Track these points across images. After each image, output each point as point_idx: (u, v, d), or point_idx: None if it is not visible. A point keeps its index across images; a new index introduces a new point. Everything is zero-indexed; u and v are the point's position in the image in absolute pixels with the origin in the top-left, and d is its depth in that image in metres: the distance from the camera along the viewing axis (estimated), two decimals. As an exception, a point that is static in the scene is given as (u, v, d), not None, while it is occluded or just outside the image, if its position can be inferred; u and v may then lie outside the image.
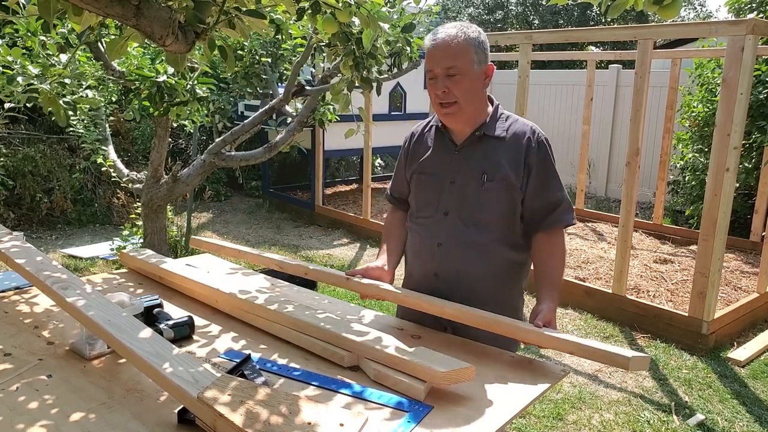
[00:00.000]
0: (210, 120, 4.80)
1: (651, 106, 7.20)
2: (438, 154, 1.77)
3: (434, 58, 1.64)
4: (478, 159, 1.69)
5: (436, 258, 1.73)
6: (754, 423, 2.93)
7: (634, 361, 1.37)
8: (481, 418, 1.26)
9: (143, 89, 2.99)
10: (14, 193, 6.02)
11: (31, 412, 1.26)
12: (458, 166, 1.71)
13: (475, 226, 1.69)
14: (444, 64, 1.62)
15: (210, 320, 1.79)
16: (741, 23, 3.39)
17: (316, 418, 1.11)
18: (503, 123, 1.72)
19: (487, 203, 1.68)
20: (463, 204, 1.70)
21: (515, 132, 1.70)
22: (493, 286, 1.72)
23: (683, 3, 14.56)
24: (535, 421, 2.89)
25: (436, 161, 1.76)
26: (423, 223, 1.78)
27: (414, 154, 1.84)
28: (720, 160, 3.50)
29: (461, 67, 1.62)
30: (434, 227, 1.74)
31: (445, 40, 1.63)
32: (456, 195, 1.70)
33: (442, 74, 1.63)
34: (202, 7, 1.32)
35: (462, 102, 1.64)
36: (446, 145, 1.75)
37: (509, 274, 1.75)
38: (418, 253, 1.82)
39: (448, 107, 1.65)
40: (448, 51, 1.62)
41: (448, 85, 1.63)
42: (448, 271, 1.72)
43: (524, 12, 17.61)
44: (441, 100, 1.65)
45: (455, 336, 1.72)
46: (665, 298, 4.33)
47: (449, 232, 1.71)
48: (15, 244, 1.96)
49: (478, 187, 1.68)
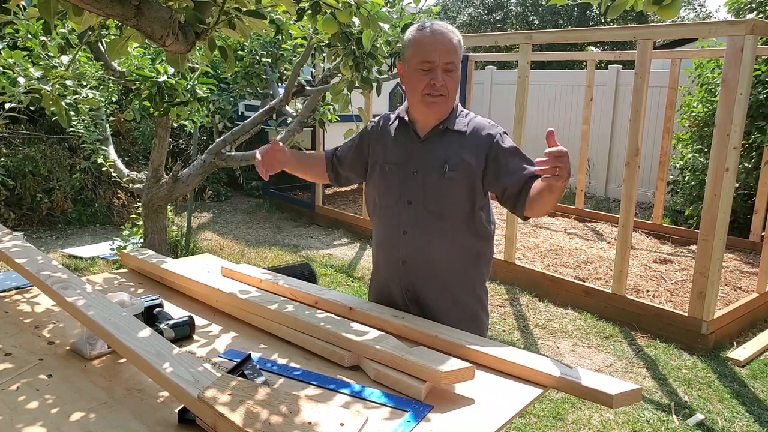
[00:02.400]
0: (210, 120, 4.80)
1: (651, 106, 7.21)
2: (402, 145, 1.83)
3: (436, 49, 1.68)
4: (440, 150, 1.76)
5: (402, 246, 1.79)
6: (753, 423, 2.93)
7: (620, 398, 1.28)
8: (481, 418, 1.26)
9: (144, 89, 2.99)
10: (15, 193, 6.02)
11: (32, 412, 1.26)
12: (421, 157, 1.78)
13: (437, 214, 1.75)
14: (446, 58, 1.68)
15: (210, 320, 1.79)
16: (740, 23, 3.39)
17: (316, 418, 1.11)
18: (463, 119, 1.80)
19: (449, 192, 1.74)
20: (426, 193, 1.76)
21: (475, 126, 1.78)
22: (457, 274, 1.80)
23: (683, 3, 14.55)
24: (535, 421, 2.89)
25: (399, 152, 1.82)
26: (387, 213, 1.84)
27: (376, 143, 1.89)
28: (720, 160, 3.50)
29: (456, 63, 1.71)
30: (399, 216, 1.80)
31: (447, 36, 1.69)
32: (419, 184, 1.77)
33: (442, 67, 1.68)
34: (202, 8, 1.32)
35: (450, 96, 1.73)
36: (410, 136, 1.81)
37: (472, 261, 1.83)
38: (383, 242, 1.87)
39: (437, 97, 1.71)
40: (450, 46, 1.69)
41: (445, 78, 1.69)
42: (414, 259, 1.79)
43: (524, 12, 17.61)
44: (435, 91, 1.70)
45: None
46: (665, 298, 4.33)
47: (413, 220, 1.77)
48: (15, 244, 1.96)
49: (440, 176, 1.74)
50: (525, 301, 4.48)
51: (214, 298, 1.86)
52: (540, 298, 4.51)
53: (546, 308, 4.36)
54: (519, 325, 4.07)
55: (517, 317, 4.20)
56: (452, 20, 17.65)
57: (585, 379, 1.34)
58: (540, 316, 4.20)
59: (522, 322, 4.11)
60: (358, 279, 4.95)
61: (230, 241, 5.98)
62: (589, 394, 1.32)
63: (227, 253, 5.49)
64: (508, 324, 4.07)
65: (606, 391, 1.29)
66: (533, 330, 3.99)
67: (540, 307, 4.38)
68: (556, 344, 3.78)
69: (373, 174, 1.88)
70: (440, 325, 1.66)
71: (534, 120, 8.68)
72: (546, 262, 5.11)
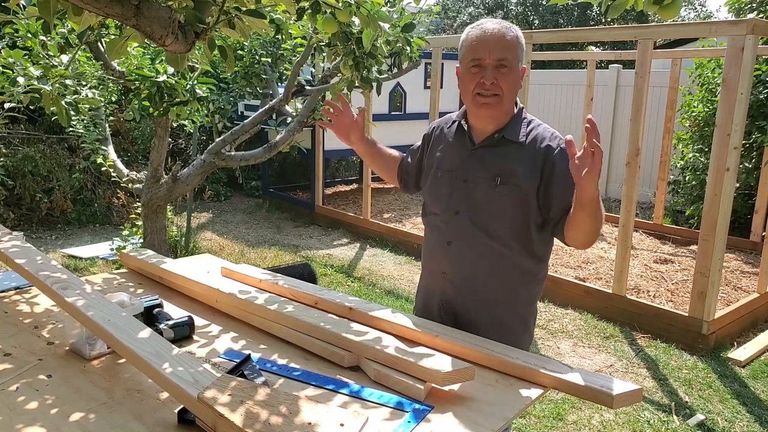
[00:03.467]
0: (210, 120, 4.80)
1: (651, 106, 7.20)
2: (455, 150, 1.74)
3: (486, 47, 1.59)
4: (494, 161, 1.66)
5: (446, 257, 1.71)
6: (754, 423, 2.93)
7: (620, 398, 1.28)
8: (481, 418, 1.26)
9: (143, 89, 2.98)
10: (14, 193, 6.02)
11: (31, 412, 1.26)
12: (473, 165, 1.68)
13: (484, 229, 1.65)
14: (497, 55, 1.58)
15: (210, 320, 1.79)
16: (741, 23, 3.39)
17: (316, 418, 1.11)
18: (525, 128, 1.68)
19: (499, 207, 1.64)
20: (473, 204, 1.66)
21: (535, 137, 1.66)
22: (500, 292, 1.69)
23: (683, 3, 14.56)
24: (535, 421, 2.89)
25: (452, 158, 1.73)
26: (434, 221, 1.76)
27: (434, 147, 1.82)
28: (720, 160, 3.50)
29: (511, 60, 1.59)
30: (444, 225, 1.72)
31: (500, 32, 1.60)
32: (467, 194, 1.67)
33: (492, 64, 1.59)
34: (202, 7, 1.32)
35: (505, 95, 1.61)
36: (464, 142, 1.72)
37: (520, 282, 1.71)
38: (429, 250, 1.81)
39: (488, 98, 1.61)
40: (503, 43, 1.59)
41: (497, 76, 1.59)
42: (456, 271, 1.70)
43: (524, 12, 17.62)
44: (486, 90, 1.61)
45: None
46: (665, 298, 4.33)
47: (459, 232, 1.68)
48: (15, 244, 1.96)
49: (490, 189, 1.64)
50: (538, 315, 4.47)
51: (214, 298, 1.86)
52: (540, 298, 4.50)
53: (546, 308, 4.36)
54: (519, 325, 4.07)
55: (518, 317, 4.19)
56: (452, 20, 17.65)
57: (585, 379, 1.33)
58: (540, 316, 4.20)
59: (522, 322, 4.10)
60: (358, 279, 4.95)
61: (230, 241, 5.98)
62: (590, 394, 1.31)
63: (227, 253, 5.49)
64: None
65: (607, 392, 1.28)
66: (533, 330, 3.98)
67: (540, 307, 4.37)
68: (557, 344, 3.78)
69: (427, 179, 1.81)
70: (438, 324, 1.66)
71: (534, 120, 8.69)
72: (546, 262, 5.10)
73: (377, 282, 4.87)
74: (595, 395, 1.30)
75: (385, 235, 5.97)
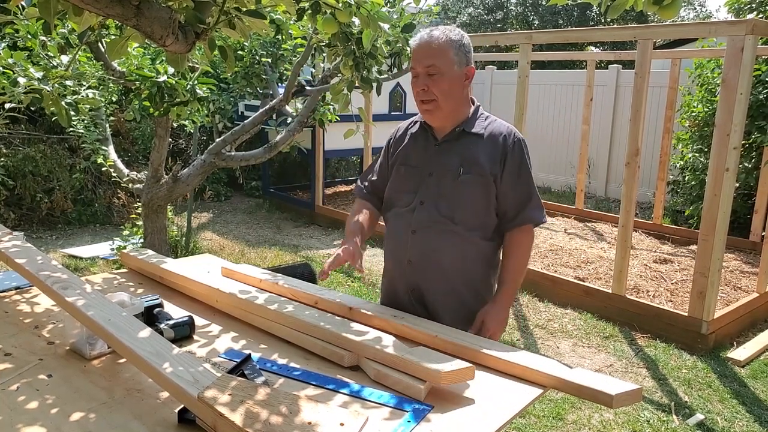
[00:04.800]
0: (210, 120, 4.80)
1: (651, 106, 7.21)
2: (419, 147, 1.85)
3: (416, 56, 1.73)
4: (456, 153, 1.77)
5: (410, 245, 1.80)
6: (753, 423, 2.93)
7: (620, 398, 1.28)
8: (481, 418, 1.26)
9: (144, 89, 2.99)
10: (14, 193, 6.02)
11: (32, 412, 1.26)
12: (437, 159, 1.79)
13: (449, 216, 1.75)
14: (425, 63, 1.71)
15: (210, 320, 1.79)
16: (741, 23, 3.39)
17: (316, 418, 1.11)
18: (482, 122, 1.81)
19: (462, 194, 1.75)
20: (439, 195, 1.77)
21: (493, 131, 1.79)
22: (464, 275, 1.79)
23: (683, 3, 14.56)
24: (535, 421, 2.89)
25: (417, 154, 1.84)
26: (399, 213, 1.85)
27: (396, 148, 1.92)
28: (720, 160, 3.50)
29: (440, 66, 1.70)
30: (410, 216, 1.80)
31: (427, 41, 1.71)
32: (433, 186, 1.78)
33: (423, 72, 1.72)
34: (202, 8, 1.32)
35: (440, 100, 1.73)
36: (428, 139, 1.84)
37: (481, 264, 1.82)
38: (391, 241, 1.90)
39: (427, 104, 1.74)
40: (429, 51, 1.70)
41: (428, 83, 1.71)
42: (421, 259, 1.79)
43: (524, 12, 17.61)
44: (421, 97, 1.73)
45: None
46: (665, 298, 4.33)
47: (424, 221, 1.77)
48: (15, 244, 1.96)
49: (454, 179, 1.75)
50: (525, 301, 4.48)
51: (214, 298, 1.86)
52: (540, 298, 4.51)
53: (546, 308, 4.36)
54: (519, 325, 4.07)
55: (517, 317, 4.20)
56: (452, 20, 17.65)
57: (585, 379, 1.34)
58: (540, 316, 4.20)
59: (522, 322, 4.11)
60: (358, 279, 4.95)
61: (230, 241, 5.98)
62: (589, 394, 1.32)
63: (227, 253, 5.49)
64: (508, 324, 4.07)
65: (606, 392, 1.29)
66: (533, 330, 3.99)
67: (540, 307, 4.38)
68: (556, 344, 3.78)
69: (390, 175, 1.91)
70: (440, 325, 1.66)
71: (534, 120, 8.69)
72: (546, 262, 5.11)
73: (377, 282, 4.87)
74: (595, 395, 1.31)
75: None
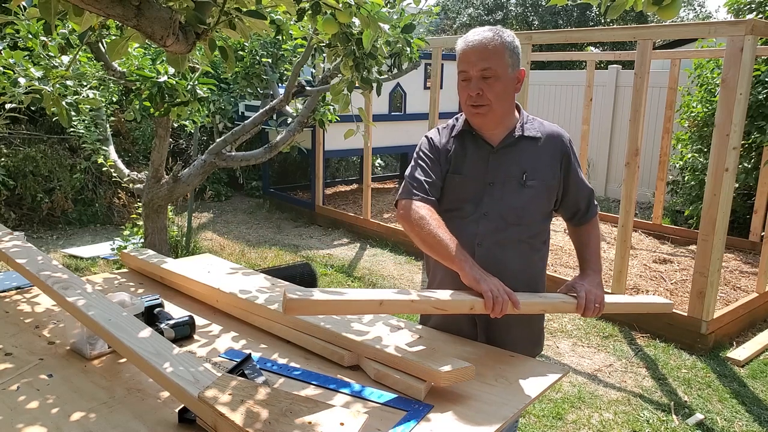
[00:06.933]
0: (210, 120, 4.81)
1: (650, 107, 7.21)
2: (471, 155, 1.74)
3: (469, 59, 1.63)
4: (516, 159, 1.71)
5: (476, 258, 1.66)
6: (753, 422, 2.93)
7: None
8: (481, 418, 1.26)
9: (144, 89, 2.99)
10: (15, 193, 6.02)
11: (32, 412, 1.27)
12: (496, 167, 1.71)
13: (515, 225, 1.70)
14: (479, 66, 1.62)
15: (210, 320, 1.79)
16: (740, 24, 3.39)
17: (316, 418, 1.11)
18: (534, 124, 1.76)
19: (529, 202, 1.70)
20: (503, 204, 1.69)
21: (548, 133, 1.75)
22: (528, 283, 1.74)
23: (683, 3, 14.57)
24: (535, 421, 2.90)
25: (470, 162, 1.73)
26: (460, 224, 1.71)
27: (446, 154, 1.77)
28: (719, 160, 3.51)
29: (496, 69, 1.62)
30: (472, 227, 1.70)
31: (482, 42, 1.62)
32: (496, 196, 1.69)
33: (477, 76, 1.63)
34: (203, 8, 1.32)
35: (494, 104, 1.65)
36: (480, 146, 1.73)
37: (539, 268, 1.81)
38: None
39: (479, 108, 1.66)
40: (484, 53, 1.62)
41: (482, 86, 1.63)
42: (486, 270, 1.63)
43: (524, 12, 17.61)
44: (474, 102, 1.65)
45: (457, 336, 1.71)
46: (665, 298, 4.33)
47: (489, 232, 1.69)
48: (16, 244, 1.96)
49: (519, 186, 1.69)
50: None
51: (215, 298, 1.87)
52: (540, 298, 4.50)
53: (546, 308, 4.36)
54: (519, 325, 4.07)
55: (517, 317, 4.19)
56: (452, 20, 17.65)
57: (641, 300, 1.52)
58: (540, 316, 4.20)
59: (522, 322, 4.11)
60: (358, 279, 4.95)
61: (230, 241, 5.98)
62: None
63: (227, 253, 5.49)
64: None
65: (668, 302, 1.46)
66: (533, 330, 3.99)
67: (540, 307, 4.38)
68: (556, 344, 3.78)
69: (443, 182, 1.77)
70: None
71: (534, 120, 8.68)
72: (546, 262, 5.11)
73: (377, 282, 4.88)
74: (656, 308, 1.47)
75: (385, 235, 5.98)
